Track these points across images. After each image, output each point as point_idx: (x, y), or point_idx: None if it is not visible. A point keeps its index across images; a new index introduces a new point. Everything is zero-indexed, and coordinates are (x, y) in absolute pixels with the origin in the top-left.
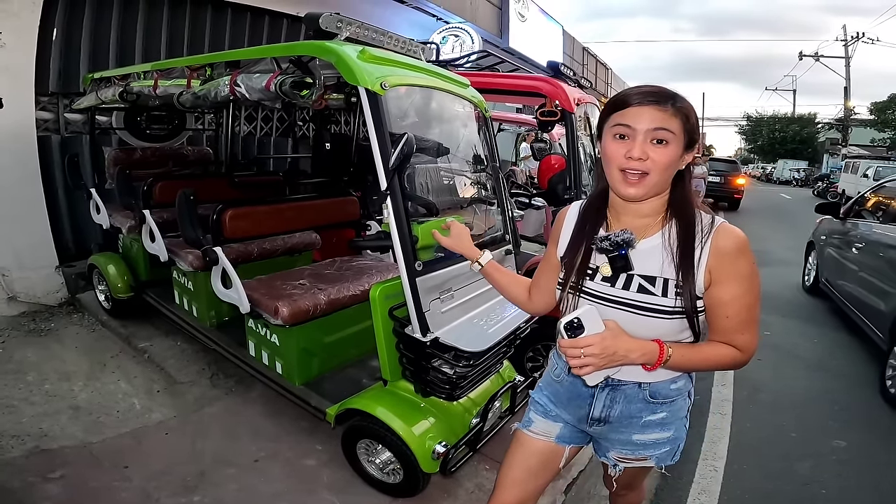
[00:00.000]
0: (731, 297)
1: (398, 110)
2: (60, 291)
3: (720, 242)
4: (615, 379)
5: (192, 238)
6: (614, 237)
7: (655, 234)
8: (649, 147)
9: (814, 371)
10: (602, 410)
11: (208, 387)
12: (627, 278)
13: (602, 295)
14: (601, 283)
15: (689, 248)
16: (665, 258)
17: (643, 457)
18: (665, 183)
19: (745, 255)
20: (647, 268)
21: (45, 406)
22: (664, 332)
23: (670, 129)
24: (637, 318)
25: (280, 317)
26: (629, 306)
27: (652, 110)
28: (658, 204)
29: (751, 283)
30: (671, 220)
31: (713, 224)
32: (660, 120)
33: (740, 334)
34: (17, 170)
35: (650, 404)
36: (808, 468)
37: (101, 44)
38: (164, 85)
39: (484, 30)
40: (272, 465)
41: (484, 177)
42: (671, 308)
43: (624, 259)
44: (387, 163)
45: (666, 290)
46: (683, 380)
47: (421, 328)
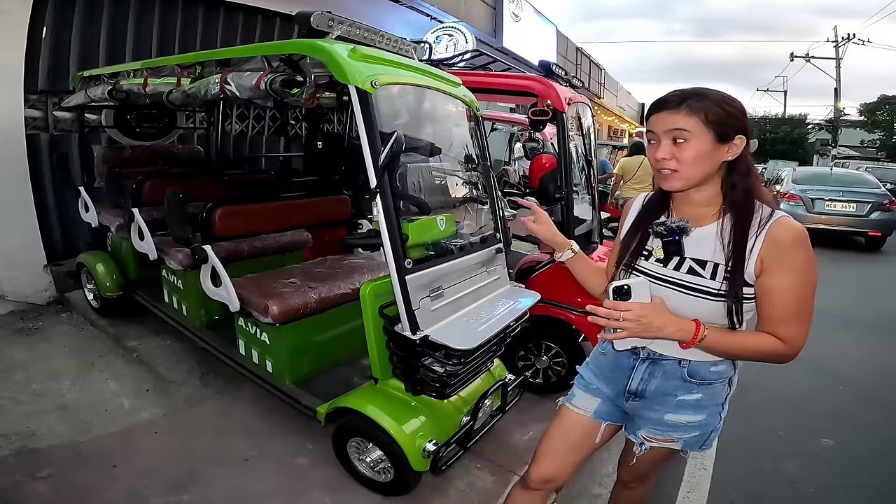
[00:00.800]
0: (780, 287)
1: (389, 109)
2: (49, 290)
3: (776, 233)
4: (657, 353)
5: (181, 236)
6: (670, 223)
7: (711, 224)
8: (672, 147)
9: (803, 370)
10: (640, 383)
11: (198, 386)
12: (679, 261)
13: (653, 273)
14: (654, 263)
15: (742, 235)
16: (717, 245)
17: (672, 438)
18: (702, 174)
19: (801, 248)
20: (699, 252)
21: (33, 405)
22: (707, 313)
23: (686, 127)
24: (683, 297)
25: (270, 315)
26: (677, 285)
27: (665, 115)
28: (712, 194)
29: (804, 276)
30: (727, 211)
31: (772, 216)
32: (673, 122)
33: (786, 325)
34: (5, 168)
35: (687, 383)
36: (796, 467)
37: (91, 42)
38: (154, 83)
39: (478, 29)
40: (263, 463)
41: (475, 176)
42: (717, 290)
43: (677, 245)
44: (376, 161)
45: (715, 273)
46: (725, 364)
47: (410, 326)
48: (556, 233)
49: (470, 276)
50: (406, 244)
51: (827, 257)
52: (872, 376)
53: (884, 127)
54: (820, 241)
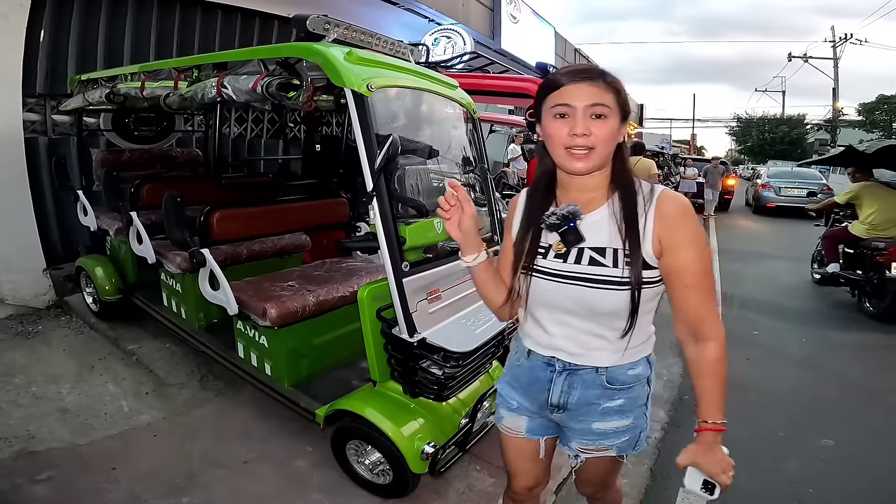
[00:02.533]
0: (686, 261)
1: (385, 112)
2: (48, 294)
3: (664, 208)
4: (573, 364)
5: (178, 240)
6: (560, 211)
7: (601, 207)
8: (590, 122)
9: (802, 370)
10: (560, 396)
11: (197, 389)
12: (579, 252)
13: (554, 271)
14: (554, 260)
15: (632, 215)
16: (612, 228)
17: (604, 447)
18: (608, 155)
19: (690, 219)
20: (596, 240)
21: (33, 408)
22: (615, 305)
23: (606, 103)
24: (591, 292)
25: (268, 318)
26: (582, 280)
27: (587, 87)
28: (601, 178)
29: (702, 248)
30: (614, 191)
31: (654, 192)
32: (595, 95)
33: (704, 309)
34: (3, 172)
35: (607, 390)
36: (795, 467)
37: (89, 45)
38: (151, 87)
39: (476, 31)
40: (262, 466)
41: (472, 178)
42: (621, 278)
43: (575, 231)
44: (373, 164)
45: (616, 259)
46: (641, 366)
47: (408, 329)
48: (476, 232)
49: (468, 278)
50: (403, 247)
51: None
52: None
53: (882, 126)
54: (786, 214)
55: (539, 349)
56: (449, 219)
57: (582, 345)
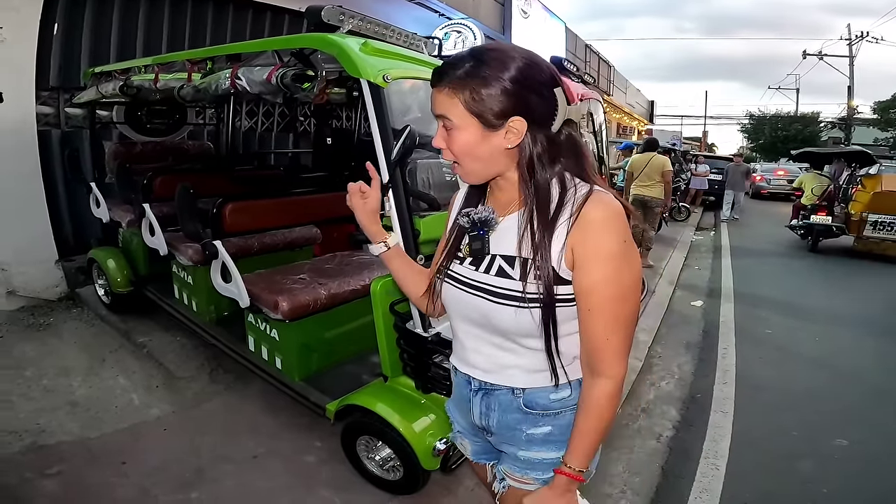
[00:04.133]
0: (594, 281)
1: (400, 104)
2: (60, 286)
3: (586, 212)
4: (487, 383)
5: (191, 232)
6: (474, 214)
7: (516, 212)
8: (446, 135)
9: (816, 369)
10: (481, 418)
11: (207, 382)
12: (490, 261)
13: (464, 279)
14: (468, 266)
15: (541, 216)
16: (521, 234)
17: (529, 479)
18: (485, 168)
19: (612, 229)
20: (507, 248)
21: (43, 402)
22: (522, 324)
23: (447, 114)
24: (490, 306)
25: (280, 311)
26: (485, 292)
27: (435, 94)
28: (510, 182)
29: (617, 267)
30: (525, 197)
31: (586, 195)
32: (439, 104)
33: (606, 342)
34: (17, 164)
35: (528, 415)
36: (809, 467)
37: (101, 38)
38: (165, 79)
39: (486, 26)
40: (271, 461)
41: None
42: (524, 294)
43: (480, 239)
44: (389, 156)
45: (525, 272)
46: (569, 389)
47: (423, 323)
48: (377, 219)
49: None
50: (418, 240)
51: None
52: (886, 375)
53: None
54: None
55: (459, 364)
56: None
57: (495, 362)
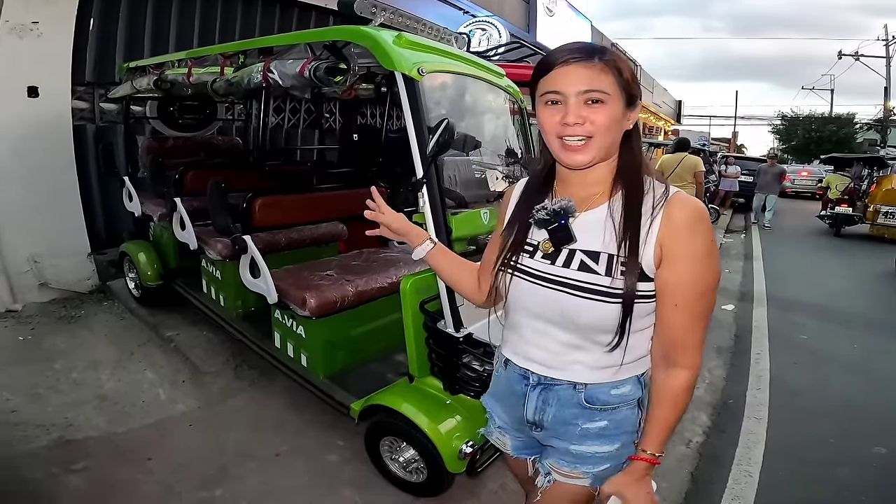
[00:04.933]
0: (682, 277)
1: (434, 98)
2: (91, 279)
3: (673, 212)
4: (548, 377)
5: (222, 226)
6: (551, 206)
7: (601, 206)
8: (585, 109)
9: (853, 375)
10: (535, 413)
11: (232, 378)
12: (569, 255)
13: (539, 273)
14: (541, 260)
15: (634, 216)
16: (609, 231)
17: (578, 472)
18: (612, 146)
19: (701, 230)
20: (590, 242)
21: (72, 395)
22: (604, 320)
23: (602, 88)
24: (574, 301)
25: (307, 308)
26: (567, 286)
27: (579, 69)
28: (605, 171)
29: (705, 267)
30: (618, 188)
31: (667, 193)
32: (589, 78)
33: (689, 335)
34: (52, 158)
35: (587, 410)
36: (846, 475)
37: (135, 33)
38: (198, 73)
39: (511, 24)
40: (294, 459)
41: (518, 170)
42: (611, 289)
43: (565, 231)
44: (424, 150)
45: (610, 268)
46: (629, 386)
47: (454, 323)
48: (409, 224)
49: None
50: (451, 237)
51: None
52: None
53: None
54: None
55: (515, 358)
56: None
57: (559, 357)
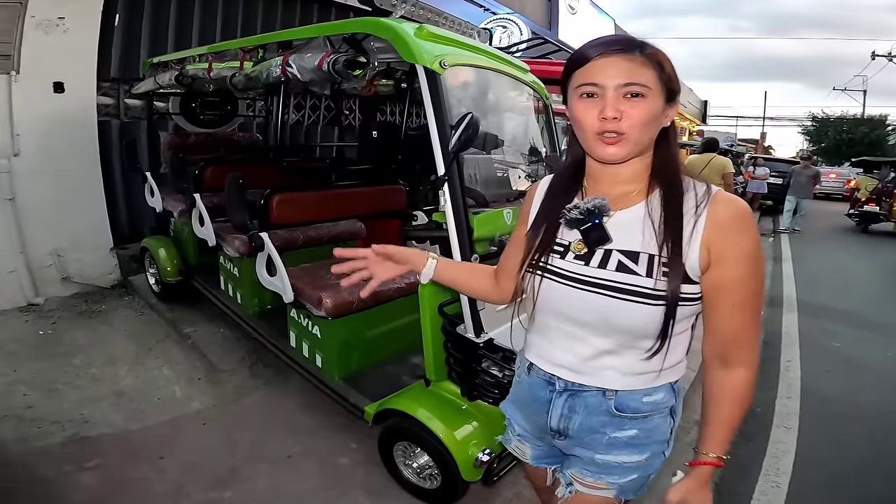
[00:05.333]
0: (738, 276)
1: (455, 93)
2: (113, 273)
3: (719, 212)
4: (576, 384)
5: (239, 222)
6: (584, 204)
7: (638, 204)
8: (623, 103)
9: (888, 385)
10: (560, 421)
11: (248, 376)
12: (605, 255)
13: (572, 275)
14: (573, 261)
15: (677, 215)
16: (648, 230)
17: (603, 483)
18: (648, 142)
19: (749, 228)
20: (627, 242)
21: (90, 391)
22: (643, 321)
23: (643, 81)
24: (615, 304)
25: (323, 308)
26: (606, 288)
27: (619, 61)
28: (640, 168)
29: (756, 263)
30: (655, 186)
31: (709, 192)
32: (629, 72)
33: (747, 332)
34: (77, 153)
35: (616, 418)
36: (879, 487)
37: (159, 29)
38: (218, 68)
39: (532, 21)
40: (305, 461)
41: (541, 169)
42: (654, 291)
43: (600, 230)
44: (446, 146)
45: (651, 268)
46: (662, 393)
47: (475, 328)
48: (408, 250)
49: None
50: (472, 237)
51: None
52: None
53: None
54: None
55: (541, 363)
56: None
57: (590, 362)
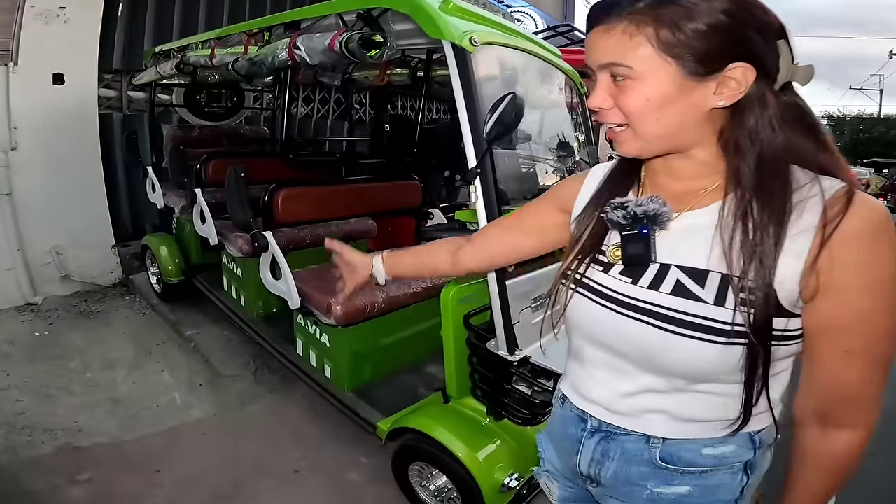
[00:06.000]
0: (853, 314)
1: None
2: (115, 272)
3: (845, 220)
4: (612, 425)
5: (241, 220)
6: (632, 206)
7: (710, 205)
8: (613, 89)
9: None
10: (590, 465)
11: (251, 382)
12: (659, 272)
13: (613, 295)
14: (617, 277)
15: (771, 222)
16: (724, 242)
17: None
18: (678, 134)
19: (883, 244)
20: (691, 256)
21: (85, 397)
22: (710, 365)
23: (621, 59)
24: (665, 337)
25: (333, 316)
26: (655, 316)
27: (599, 36)
28: (709, 159)
29: (888, 295)
30: (740, 180)
31: (824, 190)
32: (607, 48)
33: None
34: (77, 147)
35: (662, 471)
36: None
37: (164, 20)
38: (221, 53)
39: (547, 14)
40: (312, 477)
41: (571, 163)
42: (727, 325)
43: (641, 243)
44: (478, 133)
45: (723, 294)
46: (735, 444)
47: (508, 344)
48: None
49: None
50: None
51: None
52: None
53: None
54: None
55: (573, 396)
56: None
57: (628, 400)
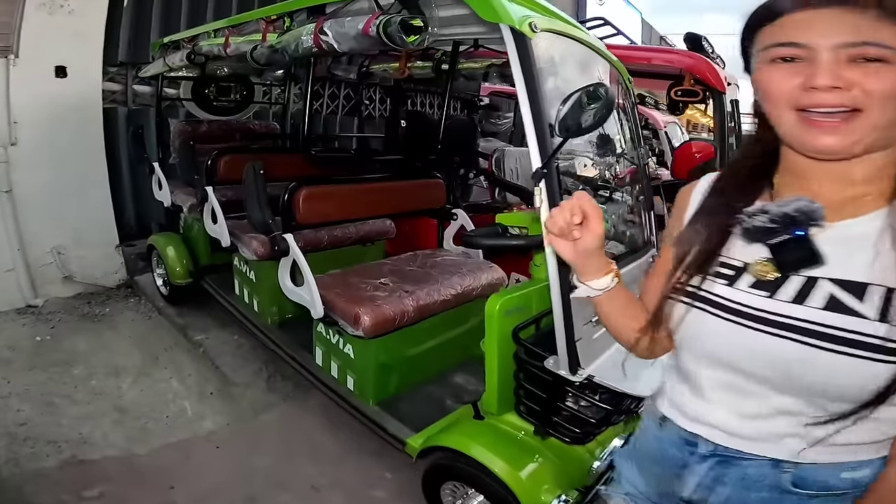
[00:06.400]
0: None
1: (543, 65)
2: (119, 272)
3: None
4: (732, 449)
5: (259, 221)
6: (777, 208)
7: (873, 213)
8: (848, 70)
9: None
10: (698, 491)
11: (264, 390)
12: (806, 284)
13: (745, 310)
14: (749, 290)
15: None
16: (884, 253)
17: None
18: (890, 129)
19: None
20: (848, 268)
21: (89, 406)
22: (868, 386)
23: (881, 40)
24: (816, 355)
25: (361, 327)
26: (806, 333)
27: (836, 14)
28: (882, 164)
29: None
30: None
31: None
32: (856, 27)
33: None
34: (80, 142)
35: (789, 496)
36: None
37: (172, 10)
38: (236, 42)
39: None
40: (333, 494)
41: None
42: (890, 342)
43: (802, 245)
44: (542, 129)
45: (886, 310)
46: (874, 468)
47: (570, 363)
48: (601, 249)
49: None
50: None
51: None
52: None
53: None
54: None
55: (680, 419)
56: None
57: (756, 423)
